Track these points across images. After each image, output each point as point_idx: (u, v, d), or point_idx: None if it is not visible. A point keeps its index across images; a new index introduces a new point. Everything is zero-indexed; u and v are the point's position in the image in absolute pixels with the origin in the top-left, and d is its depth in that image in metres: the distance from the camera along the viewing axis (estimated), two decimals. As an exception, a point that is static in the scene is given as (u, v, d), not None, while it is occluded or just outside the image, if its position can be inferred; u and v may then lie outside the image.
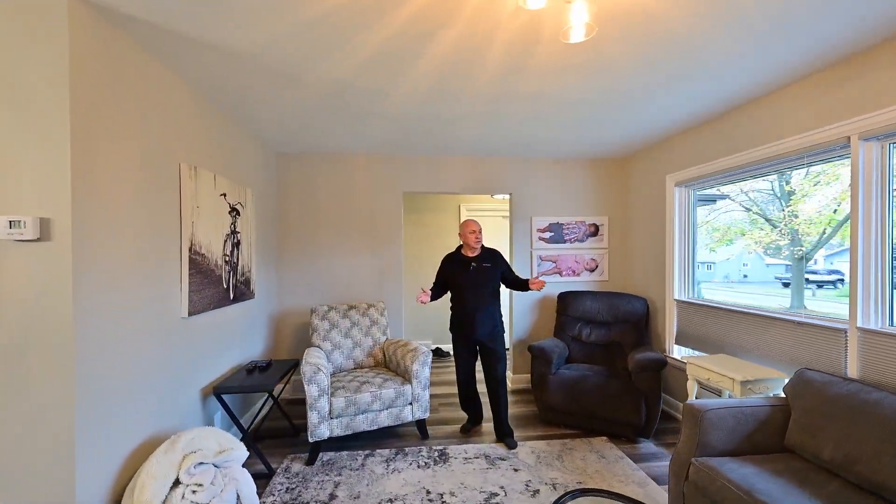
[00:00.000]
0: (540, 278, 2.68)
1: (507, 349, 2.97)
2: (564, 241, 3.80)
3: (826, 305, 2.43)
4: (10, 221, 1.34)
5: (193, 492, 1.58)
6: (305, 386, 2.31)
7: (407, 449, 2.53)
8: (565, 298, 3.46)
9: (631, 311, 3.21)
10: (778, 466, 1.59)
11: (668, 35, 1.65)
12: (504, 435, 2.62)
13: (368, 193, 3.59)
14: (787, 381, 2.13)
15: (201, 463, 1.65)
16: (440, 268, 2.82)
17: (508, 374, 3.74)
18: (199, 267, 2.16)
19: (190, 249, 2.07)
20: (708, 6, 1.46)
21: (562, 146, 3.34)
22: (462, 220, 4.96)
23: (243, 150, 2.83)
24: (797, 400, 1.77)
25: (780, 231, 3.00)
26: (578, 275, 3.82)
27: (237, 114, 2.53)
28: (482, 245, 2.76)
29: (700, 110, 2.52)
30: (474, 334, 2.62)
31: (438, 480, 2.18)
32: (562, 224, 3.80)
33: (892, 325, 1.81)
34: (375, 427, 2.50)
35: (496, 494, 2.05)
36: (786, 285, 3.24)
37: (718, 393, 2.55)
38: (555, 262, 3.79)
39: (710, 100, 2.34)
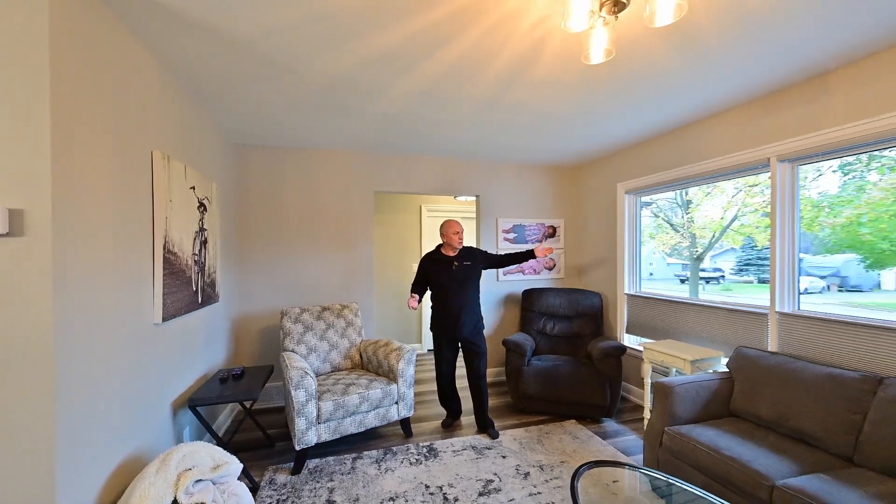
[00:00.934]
0: (542, 247, 2.81)
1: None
2: (526, 242, 4.06)
3: (715, 297, 2.96)
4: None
5: (189, 517, 1.44)
6: (292, 391, 2.20)
7: (394, 448, 2.53)
8: (530, 295, 3.70)
9: (589, 305, 3.54)
10: (730, 428, 1.92)
11: (648, 64, 1.91)
12: (486, 426, 2.74)
13: (339, 191, 3.48)
14: (723, 358, 2.56)
15: (199, 480, 1.51)
16: (421, 267, 2.86)
17: (476, 369, 3.90)
18: (172, 267, 1.94)
19: (164, 247, 1.86)
20: (684, 42, 1.73)
21: (526, 153, 3.58)
22: (422, 220, 5.02)
23: (207, 140, 2.58)
24: (739, 372, 2.15)
25: (682, 234, 3.59)
26: (539, 273, 4.11)
27: (203, 99, 2.31)
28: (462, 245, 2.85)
29: (653, 127, 2.90)
30: (460, 332, 2.71)
31: (434, 474, 2.23)
32: (524, 226, 4.06)
33: (799, 310, 2.28)
34: (363, 429, 2.46)
35: (491, 481, 2.16)
36: (683, 281, 3.87)
37: (665, 373, 2.95)
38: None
39: (664, 119, 2.72)
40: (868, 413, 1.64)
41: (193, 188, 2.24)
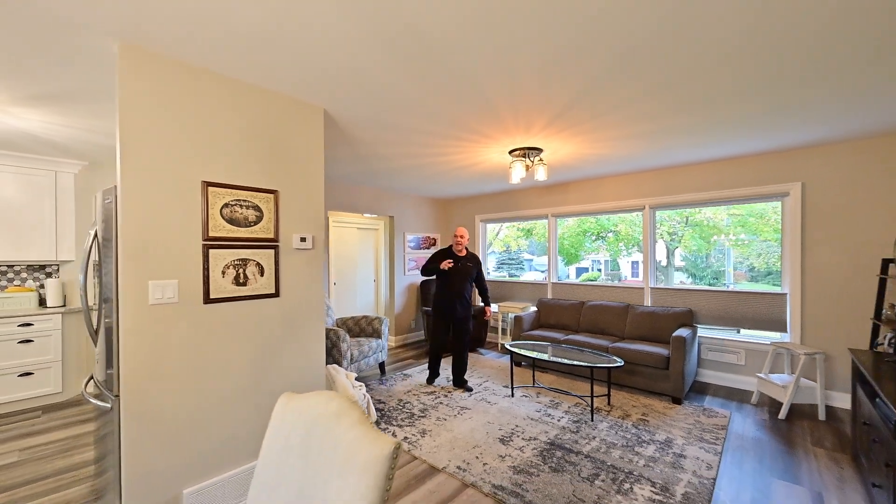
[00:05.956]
0: (490, 312, 4.00)
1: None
2: (420, 249, 6.05)
3: (524, 277, 5.93)
4: (300, 238, 2.30)
5: (361, 389, 2.79)
6: (339, 343, 3.47)
7: (383, 378, 4.06)
8: (426, 284, 5.72)
9: (462, 288, 5.87)
10: (542, 330, 4.57)
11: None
12: (462, 383, 3.99)
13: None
14: (531, 306, 5.34)
15: (357, 378, 2.84)
16: (437, 255, 3.74)
17: (391, 337, 5.60)
18: (282, 265, 2.98)
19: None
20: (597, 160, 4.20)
21: (426, 190, 5.59)
22: (329, 229, 6.20)
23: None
24: (541, 309, 4.88)
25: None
26: (427, 269, 6.16)
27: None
28: (467, 249, 3.98)
29: (498, 190, 5.47)
30: (453, 314, 3.82)
31: (416, 385, 3.95)
32: (419, 237, 6.04)
33: (559, 281, 5.24)
34: (369, 367, 3.89)
35: (448, 376, 4.09)
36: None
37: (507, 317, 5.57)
38: (416, 262, 5.96)
39: (507, 187, 5.30)
40: (581, 312, 4.53)
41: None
